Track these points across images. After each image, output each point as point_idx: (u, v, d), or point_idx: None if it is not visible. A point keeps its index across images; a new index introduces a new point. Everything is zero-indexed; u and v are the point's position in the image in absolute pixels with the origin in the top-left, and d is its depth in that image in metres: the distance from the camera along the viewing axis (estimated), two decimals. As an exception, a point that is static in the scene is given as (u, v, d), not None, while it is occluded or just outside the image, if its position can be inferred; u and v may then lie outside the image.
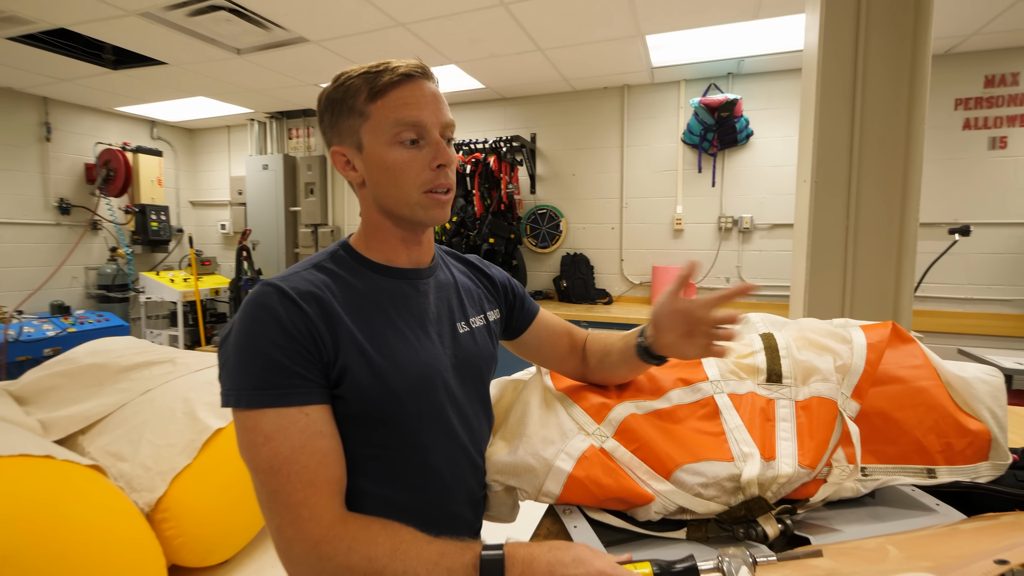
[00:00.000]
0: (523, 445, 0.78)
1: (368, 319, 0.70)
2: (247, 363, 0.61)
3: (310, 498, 0.59)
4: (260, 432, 0.60)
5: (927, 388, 0.87)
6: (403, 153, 0.70)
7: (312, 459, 0.60)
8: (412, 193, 0.71)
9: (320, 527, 0.58)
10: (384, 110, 0.70)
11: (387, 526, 0.61)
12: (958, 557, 0.62)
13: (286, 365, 0.61)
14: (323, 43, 2.98)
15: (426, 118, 0.70)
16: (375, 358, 0.67)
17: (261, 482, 0.60)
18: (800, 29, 2.75)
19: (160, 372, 1.84)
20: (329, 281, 0.70)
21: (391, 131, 0.69)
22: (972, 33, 2.75)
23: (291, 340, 0.62)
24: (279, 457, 0.59)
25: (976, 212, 3.02)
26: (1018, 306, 3.01)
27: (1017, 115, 2.94)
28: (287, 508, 0.58)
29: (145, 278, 4.39)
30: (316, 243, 4.79)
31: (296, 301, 0.64)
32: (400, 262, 0.77)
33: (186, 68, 3.42)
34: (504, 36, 2.88)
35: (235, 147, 5.14)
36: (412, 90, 0.70)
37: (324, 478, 0.61)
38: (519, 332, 0.93)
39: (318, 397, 0.64)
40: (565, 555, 0.56)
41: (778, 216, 3.44)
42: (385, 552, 0.58)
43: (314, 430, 0.62)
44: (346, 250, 0.76)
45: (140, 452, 1.51)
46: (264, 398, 0.60)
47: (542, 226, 4.03)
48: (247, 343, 0.62)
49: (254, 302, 0.64)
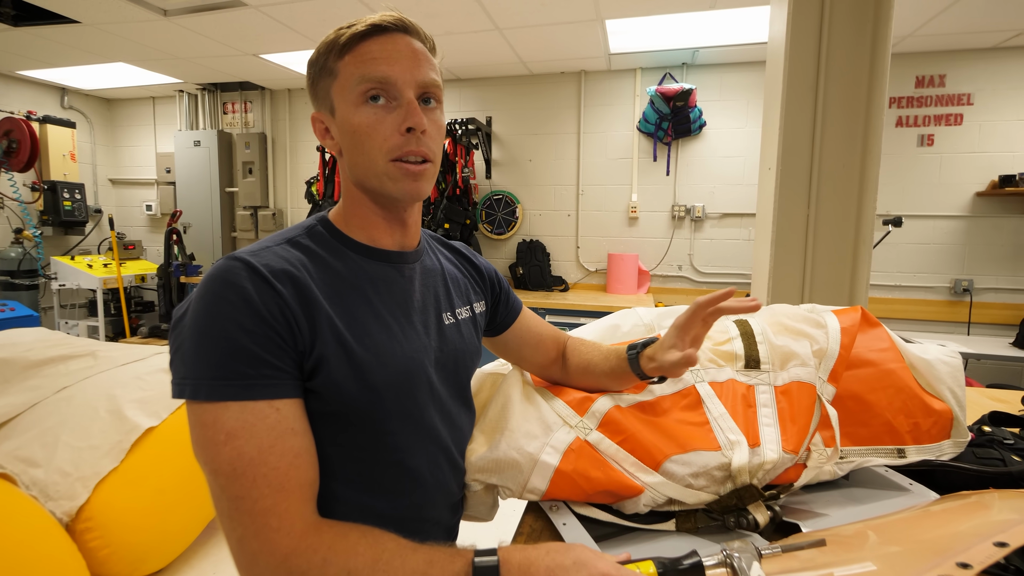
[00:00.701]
0: (505, 440, 0.72)
1: (348, 305, 0.61)
2: (208, 348, 0.52)
3: (279, 505, 0.51)
4: (221, 429, 0.51)
5: (895, 370, 0.89)
6: (369, 114, 0.61)
7: (282, 460, 0.52)
8: (378, 160, 0.62)
9: (291, 538, 0.51)
10: (351, 65, 0.61)
11: (367, 533, 0.54)
12: (941, 539, 0.63)
13: (255, 352, 0.53)
14: (263, 8, 2.75)
15: (396, 74, 0.61)
16: (355, 349, 0.59)
17: (221, 487, 0.51)
18: (753, 23, 2.82)
19: (78, 367, 1.65)
20: (305, 259, 0.61)
21: (357, 88, 0.61)
22: (906, 35, 2.92)
23: (262, 324, 0.54)
24: (244, 458, 0.51)
25: (906, 205, 3.24)
26: (942, 292, 3.27)
27: (943, 115, 3.17)
28: (252, 517, 0.50)
29: (57, 263, 3.96)
30: (256, 226, 4.50)
31: (268, 279, 0.55)
32: (384, 243, 0.69)
33: (102, 29, 3.06)
34: (461, 12, 2.76)
35: (162, 121, 4.71)
36: (383, 43, 0.62)
37: (296, 482, 0.53)
38: (502, 329, 0.87)
39: (290, 390, 0.55)
40: (564, 558, 0.52)
41: (728, 206, 3.55)
42: (366, 564, 0.51)
43: (285, 427, 0.54)
44: (325, 226, 0.67)
45: (56, 456, 1.35)
46: (228, 389, 0.52)
47: (498, 212, 3.96)
48: (209, 325, 0.53)
49: (218, 278, 0.54)
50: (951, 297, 3.23)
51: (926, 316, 3.28)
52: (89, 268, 3.93)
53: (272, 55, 3.51)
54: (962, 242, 3.20)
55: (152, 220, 4.85)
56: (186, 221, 4.46)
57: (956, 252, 3.21)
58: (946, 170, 3.19)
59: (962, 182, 3.17)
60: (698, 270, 3.65)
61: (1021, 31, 2.82)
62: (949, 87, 3.15)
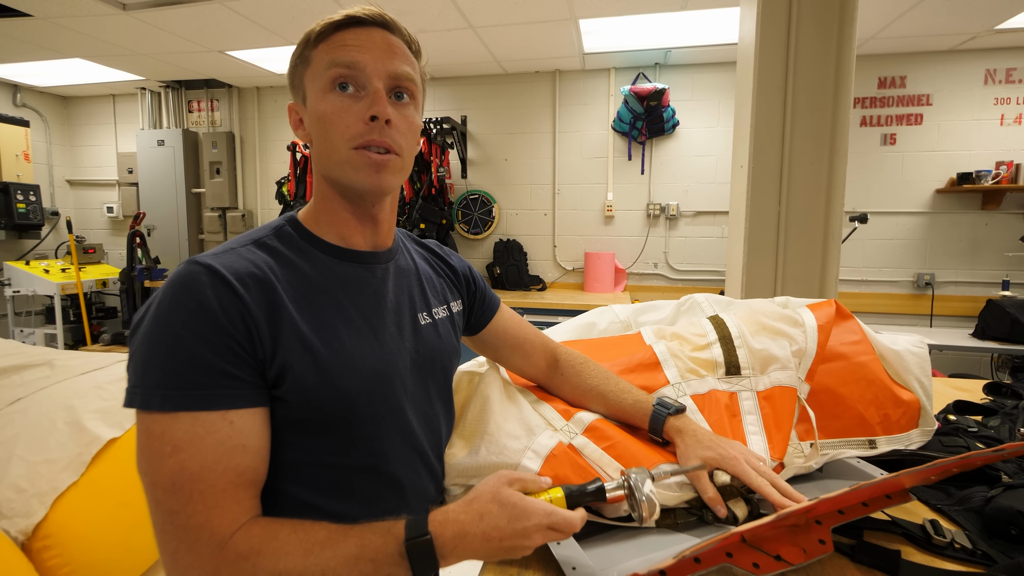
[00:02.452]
0: (485, 445, 0.71)
1: (316, 308, 0.59)
2: (162, 357, 0.50)
3: (211, 520, 0.49)
4: (168, 441, 0.49)
5: (866, 363, 0.91)
6: (335, 101, 0.60)
7: (223, 478, 0.50)
8: (341, 148, 0.60)
9: (223, 551, 0.49)
10: (322, 53, 0.60)
11: (297, 528, 0.52)
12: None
13: (212, 362, 0.51)
14: (230, 3, 2.66)
15: (365, 61, 0.59)
16: (322, 353, 0.57)
17: (157, 500, 0.49)
18: (723, 25, 2.87)
19: (34, 377, 1.56)
20: (272, 261, 0.59)
21: (326, 75, 0.60)
22: (869, 38, 3.01)
23: (220, 332, 0.51)
24: (185, 474, 0.49)
25: (870, 202, 3.34)
26: (905, 286, 3.39)
27: (904, 115, 3.28)
28: (186, 531, 0.49)
29: (11, 268, 3.77)
30: (224, 228, 4.37)
31: (230, 283, 0.53)
32: (355, 243, 0.66)
33: (56, 23, 2.92)
34: (434, 10, 2.73)
35: (123, 119, 4.53)
36: (358, 34, 0.60)
37: (232, 498, 0.51)
38: (479, 327, 0.85)
39: (248, 400, 0.53)
40: (498, 517, 0.52)
41: (702, 204, 3.60)
42: (297, 562, 0.49)
43: (235, 443, 0.51)
44: (293, 226, 0.65)
45: (10, 472, 1.28)
46: (182, 399, 0.49)
47: (474, 212, 3.94)
48: (164, 332, 0.51)
49: (177, 283, 0.52)
50: (914, 291, 3.35)
51: (891, 309, 3.40)
52: (46, 273, 3.75)
53: (239, 52, 3.41)
54: (923, 237, 3.32)
55: (114, 223, 4.66)
56: (150, 223, 4.30)
57: (918, 247, 3.33)
58: (908, 168, 3.31)
59: (923, 180, 3.29)
60: (673, 267, 3.70)
61: (976, 35, 2.94)
62: (909, 88, 3.26)
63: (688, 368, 0.86)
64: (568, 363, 0.85)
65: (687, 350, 0.90)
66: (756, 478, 0.66)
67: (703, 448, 0.69)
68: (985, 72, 3.16)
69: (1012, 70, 3.13)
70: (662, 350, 0.90)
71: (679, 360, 0.88)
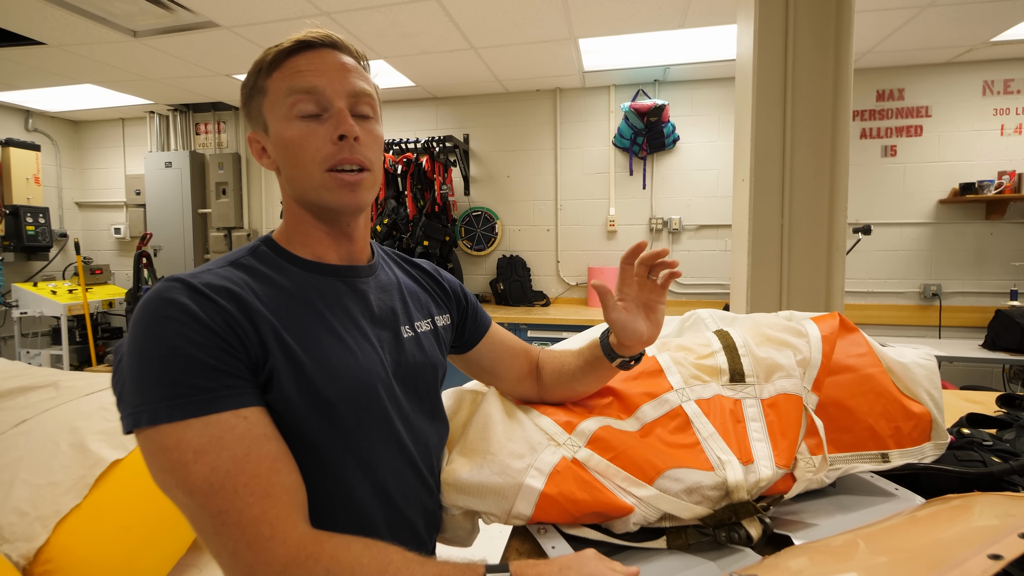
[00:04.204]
0: (488, 464, 0.70)
1: (297, 318, 0.59)
2: (160, 370, 0.49)
3: (268, 512, 0.48)
4: (187, 448, 0.48)
5: (874, 375, 0.90)
6: (300, 127, 0.60)
7: (261, 466, 0.49)
8: (314, 173, 0.61)
9: (287, 546, 0.48)
10: (278, 81, 0.61)
11: (370, 546, 0.51)
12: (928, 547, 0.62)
13: (211, 364, 0.50)
14: (236, 29, 2.73)
15: (324, 84, 0.61)
16: (306, 362, 0.57)
17: (201, 506, 0.47)
18: (720, 42, 2.90)
19: (39, 399, 1.56)
20: (248, 279, 0.59)
21: (285, 102, 0.61)
22: (866, 52, 3.04)
23: (212, 335, 0.51)
24: (219, 472, 0.47)
25: (874, 213, 3.34)
26: (912, 297, 3.36)
27: (904, 126, 3.30)
28: (241, 528, 0.47)
29: (19, 290, 3.80)
30: (230, 247, 4.39)
31: (208, 295, 0.53)
32: (330, 259, 0.67)
33: (69, 50, 3.00)
34: (436, 32, 2.79)
35: (132, 142, 4.61)
36: (310, 58, 0.62)
37: (280, 486, 0.50)
38: (470, 345, 0.85)
39: (254, 398, 0.53)
40: (578, 574, 0.51)
41: (704, 217, 3.61)
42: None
43: (257, 433, 0.51)
44: (269, 245, 0.65)
45: (13, 495, 1.27)
46: (189, 407, 0.49)
47: (477, 228, 3.96)
48: (156, 346, 0.50)
49: (156, 299, 0.52)
50: (921, 302, 3.32)
51: (898, 321, 3.37)
52: (53, 294, 3.78)
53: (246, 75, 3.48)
54: (928, 248, 3.31)
55: (121, 244, 4.71)
56: (157, 244, 4.34)
57: (923, 258, 3.32)
58: (910, 179, 3.31)
59: (925, 190, 3.29)
60: (677, 281, 3.69)
61: (972, 47, 2.97)
62: (908, 100, 3.28)
63: (692, 375, 0.86)
64: (545, 358, 0.88)
65: (691, 358, 0.89)
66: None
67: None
68: (983, 83, 3.18)
69: (1010, 81, 3.15)
70: (665, 359, 0.90)
71: (682, 367, 0.88)
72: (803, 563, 0.62)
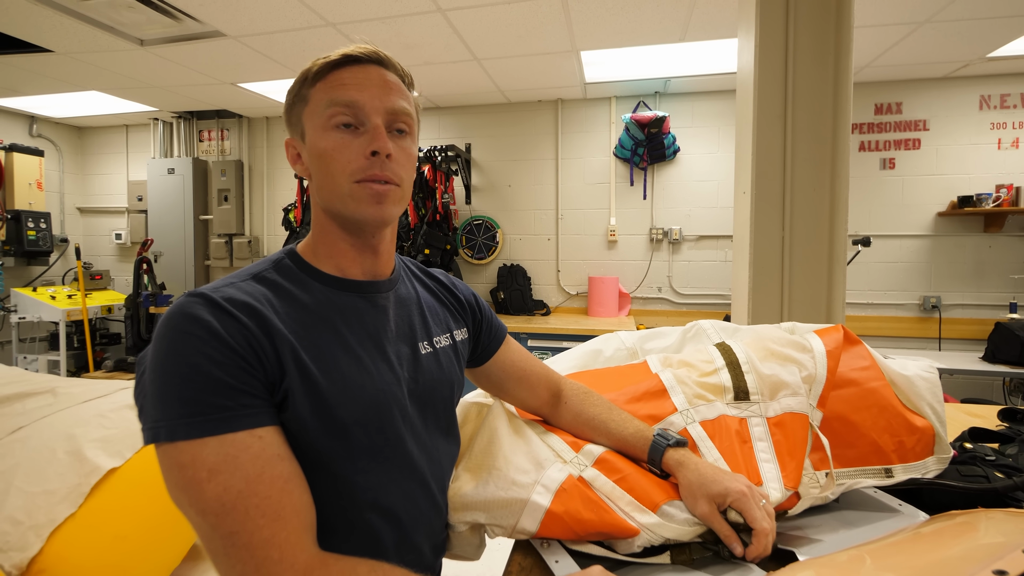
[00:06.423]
0: (493, 479, 0.69)
1: (315, 338, 0.59)
2: (179, 386, 0.50)
3: (278, 535, 0.48)
4: (202, 467, 0.48)
5: (877, 389, 0.89)
6: (336, 138, 0.61)
7: (273, 488, 0.50)
8: (343, 183, 0.61)
9: (295, 570, 0.48)
10: (320, 92, 0.62)
11: (376, 569, 0.51)
12: (934, 564, 0.62)
13: (229, 383, 0.51)
14: (242, 39, 2.75)
15: (364, 100, 0.61)
16: (321, 383, 0.57)
17: (212, 526, 0.48)
18: (721, 55, 2.93)
19: (36, 405, 1.55)
20: (270, 294, 0.59)
21: (325, 113, 0.62)
22: (865, 66, 3.07)
23: (232, 353, 0.51)
24: (231, 491, 0.48)
25: (872, 225, 3.35)
26: (912, 309, 3.36)
27: (902, 139, 3.32)
28: (251, 551, 0.47)
29: (18, 295, 3.80)
30: (231, 254, 4.40)
31: (230, 311, 0.53)
32: (354, 273, 0.67)
33: (76, 58, 3.02)
34: (440, 44, 2.81)
35: (135, 148, 4.63)
36: (354, 72, 0.62)
37: (291, 509, 0.50)
38: (485, 358, 0.84)
39: (270, 418, 0.53)
40: None
41: (704, 228, 3.62)
42: None
43: (271, 454, 0.51)
44: (292, 258, 0.66)
45: (8, 504, 1.25)
46: (206, 425, 0.49)
47: (478, 237, 3.97)
48: (176, 363, 0.50)
49: (179, 314, 0.52)
50: (921, 314, 3.32)
51: (898, 333, 3.37)
52: (52, 299, 3.77)
53: (250, 84, 3.50)
54: (928, 260, 3.32)
55: (122, 249, 4.72)
56: (157, 250, 4.34)
57: (923, 270, 3.32)
58: (908, 192, 3.33)
59: (924, 203, 3.31)
60: (677, 291, 3.69)
61: (969, 62, 3.00)
62: (906, 114, 3.31)
63: (696, 394, 0.85)
64: (571, 394, 0.84)
65: (694, 376, 0.88)
66: (761, 520, 0.64)
67: (708, 483, 0.67)
68: (980, 98, 3.21)
69: (1006, 96, 3.18)
70: (668, 378, 0.89)
71: (686, 386, 0.86)
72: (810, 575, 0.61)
